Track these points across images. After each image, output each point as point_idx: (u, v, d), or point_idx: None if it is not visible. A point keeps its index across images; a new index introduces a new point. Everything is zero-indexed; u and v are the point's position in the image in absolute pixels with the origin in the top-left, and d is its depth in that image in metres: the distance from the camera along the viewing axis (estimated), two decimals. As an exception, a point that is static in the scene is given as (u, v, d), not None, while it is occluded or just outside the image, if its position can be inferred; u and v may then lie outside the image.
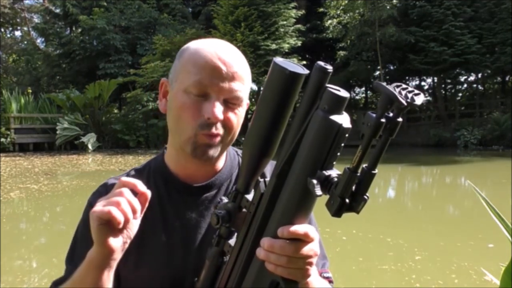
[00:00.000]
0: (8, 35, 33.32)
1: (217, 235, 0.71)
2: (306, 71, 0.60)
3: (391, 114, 0.50)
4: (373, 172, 0.53)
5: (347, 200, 0.53)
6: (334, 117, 0.55)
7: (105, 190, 0.90)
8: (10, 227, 6.39)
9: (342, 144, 0.56)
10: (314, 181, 0.55)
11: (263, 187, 0.64)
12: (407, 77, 26.53)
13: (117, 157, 16.18)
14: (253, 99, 28.91)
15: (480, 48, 20.46)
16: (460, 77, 25.93)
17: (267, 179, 0.65)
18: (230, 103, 0.83)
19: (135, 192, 0.72)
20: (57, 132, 19.71)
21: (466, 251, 4.82)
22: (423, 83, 27.84)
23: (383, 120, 0.50)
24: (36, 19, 32.40)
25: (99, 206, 0.69)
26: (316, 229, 0.67)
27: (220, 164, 0.92)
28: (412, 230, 5.96)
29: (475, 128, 19.40)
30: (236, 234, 0.70)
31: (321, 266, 0.92)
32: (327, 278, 0.90)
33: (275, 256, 0.60)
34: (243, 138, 0.70)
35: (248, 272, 0.66)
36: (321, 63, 0.57)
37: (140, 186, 0.71)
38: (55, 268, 4.53)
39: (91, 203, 0.88)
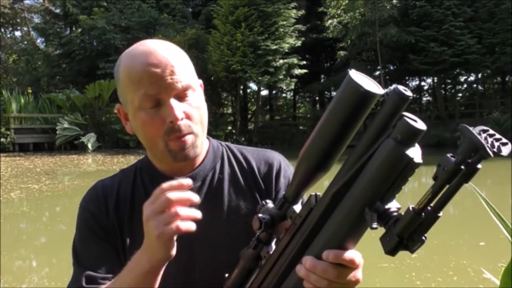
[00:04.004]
0: (8, 35, 33.33)
1: (256, 239, 0.70)
2: (382, 91, 0.56)
3: (469, 160, 0.47)
4: (438, 215, 0.50)
5: (404, 240, 0.51)
6: (406, 150, 0.51)
7: (95, 193, 0.91)
8: (10, 227, 6.39)
9: (409, 178, 0.53)
10: (372, 213, 0.52)
11: (314, 202, 0.62)
12: (407, 77, 26.52)
13: (118, 157, 16.19)
14: (252, 99, 28.92)
15: (480, 48, 20.45)
16: (460, 77, 25.93)
17: (319, 193, 0.63)
18: (183, 95, 0.83)
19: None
20: (57, 132, 19.72)
21: (464, 250, 4.84)
22: (423, 83, 27.84)
23: (462, 166, 0.47)
24: (36, 19, 32.43)
25: (159, 225, 0.67)
26: None
27: (201, 156, 0.93)
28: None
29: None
30: (275, 241, 0.69)
31: None
32: None
33: (316, 277, 0.59)
34: (242, 138, 0.68)
35: (284, 284, 0.65)
36: (401, 87, 0.53)
37: (185, 181, 0.70)
38: (55, 268, 4.53)
39: (84, 208, 0.90)
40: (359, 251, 0.62)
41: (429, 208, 0.50)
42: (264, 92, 28.31)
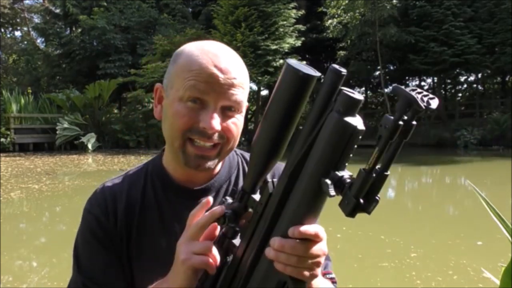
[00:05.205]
0: (8, 35, 33.34)
1: (221, 235, 0.71)
2: (318, 74, 0.61)
3: (405, 117, 0.51)
4: (386, 173, 0.54)
5: (361, 201, 0.53)
6: (349, 119, 0.55)
7: (103, 197, 0.88)
8: (10, 227, 6.40)
9: (355, 146, 0.57)
10: (328, 182, 0.55)
11: (271, 187, 0.64)
12: (407, 77, 26.53)
13: (119, 157, 16.19)
14: (252, 99, 28.92)
15: (480, 48, 20.47)
16: (460, 77, 25.96)
17: (275, 179, 0.65)
18: (229, 110, 0.81)
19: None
20: (57, 132, 19.73)
21: (463, 249, 4.85)
22: (423, 83, 27.85)
23: (400, 122, 0.51)
24: (36, 19, 32.45)
25: (188, 251, 0.70)
26: None
27: (217, 167, 0.90)
28: (407, 228, 5.98)
29: (475, 128, 19.39)
30: (240, 233, 0.70)
31: (324, 267, 0.90)
32: (330, 279, 0.90)
33: (285, 255, 0.60)
34: (242, 138, 0.69)
35: (255, 271, 0.66)
36: (336, 66, 0.58)
37: (205, 201, 0.72)
38: (55, 268, 4.53)
39: (89, 212, 0.87)
40: (360, 252, 0.63)
41: (377, 168, 0.53)
42: (264, 92, 28.31)
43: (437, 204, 8.14)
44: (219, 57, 0.80)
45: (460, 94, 27.89)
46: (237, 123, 0.82)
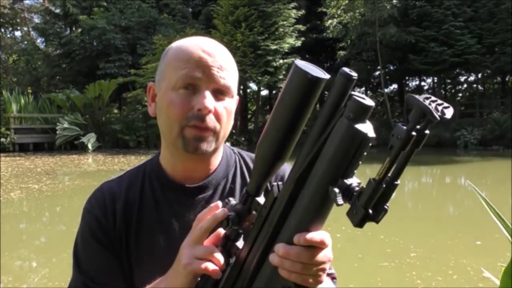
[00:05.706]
0: (8, 35, 33.35)
1: (223, 236, 0.71)
2: (327, 76, 0.59)
3: (418, 126, 0.50)
4: (396, 183, 0.52)
5: (370, 211, 0.53)
6: (359, 126, 0.54)
7: (102, 197, 0.88)
8: (10, 227, 6.40)
9: (365, 153, 0.55)
10: (336, 190, 0.54)
11: (277, 191, 0.63)
12: (407, 77, 26.54)
13: (119, 157, 16.19)
14: (252, 99, 28.94)
15: (480, 48, 20.48)
16: (460, 77, 25.96)
17: (280, 183, 0.64)
18: (220, 93, 0.82)
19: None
20: (57, 132, 19.74)
21: (462, 249, 4.85)
22: (423, 83, 27.88)
23: (414, 133, 0.49)
24: (36, 19, 32.46)
25: (191, 256, 0.69)
26: None
27: (215, 162, 0.91)
28: (407, 228, 5.98)
29: (475, 128, 19.40)
30: (242, 236, 0.70)
31: None
32: (330, 275, 0.90)
33: (290, 262, 0.60)
34: (242, 138, 0.69)
35: (259, 276, 0.65)
36: (346, 69, 0.56)
37: (214, 205, 0.72)
38: (55, 268, 4.53)
39: (89, 212, 0.88)
40: (360, 251, 0.63)
41: (387, 177, 0.52)
42: (264, 92, 28.34)
43: (437, 204, 8.14)
44: (205, 43, 0.83)
45: (460, 94, 27.90)
46: (228, 107, 0.84)
